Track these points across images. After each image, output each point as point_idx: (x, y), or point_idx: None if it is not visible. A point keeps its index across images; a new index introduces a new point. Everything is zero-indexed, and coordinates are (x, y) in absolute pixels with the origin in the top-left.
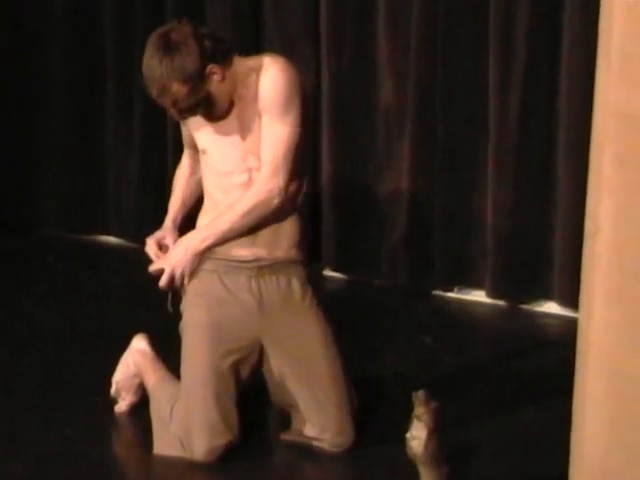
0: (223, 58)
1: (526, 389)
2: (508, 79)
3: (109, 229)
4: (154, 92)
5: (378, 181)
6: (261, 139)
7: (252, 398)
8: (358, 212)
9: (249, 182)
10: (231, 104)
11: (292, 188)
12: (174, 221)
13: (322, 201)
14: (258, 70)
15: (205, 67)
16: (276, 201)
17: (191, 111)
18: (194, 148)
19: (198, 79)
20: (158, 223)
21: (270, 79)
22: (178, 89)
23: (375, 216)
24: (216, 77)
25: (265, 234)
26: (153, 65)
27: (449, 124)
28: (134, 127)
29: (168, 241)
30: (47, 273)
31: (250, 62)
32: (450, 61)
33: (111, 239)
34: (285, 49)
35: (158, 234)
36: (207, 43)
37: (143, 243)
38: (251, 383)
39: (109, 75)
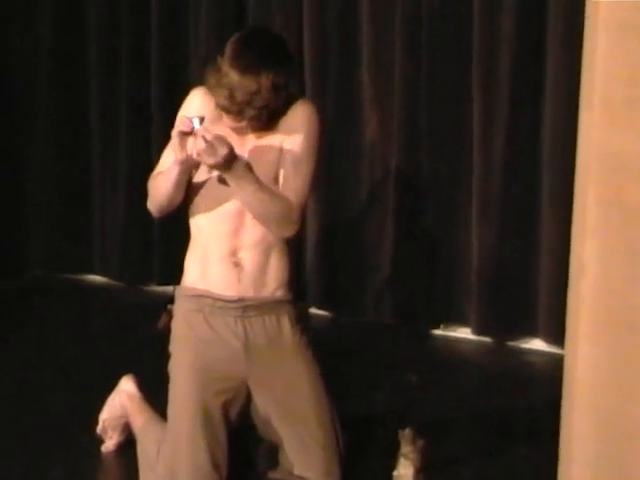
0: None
1: (512, 427)
2: (492, 119)
3: (95, 268)
4: (246, 73)
5: (363, 218)
6: (284, 173)
7: (241, 434)
8: (343, 250)
9: (242, 212)
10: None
11: None
12: None
13: (307, 238)
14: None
15: (286, 88)
16: (290, 233)
17: (252, 111)
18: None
19: (280, 93)
20: (143, 263)
21: (306, 117)
22: (266, 88)
23: (361, 253)
24: (280, 101)
25: (251, 274)
26: (265, 56)
27: (433, 164)
28: (119, 168)
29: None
30: (34, 313)
31: None
32: (434, 101)
33: (97, 278)
34: None
35: None
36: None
37: (128, 282)
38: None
39: (93, 116)
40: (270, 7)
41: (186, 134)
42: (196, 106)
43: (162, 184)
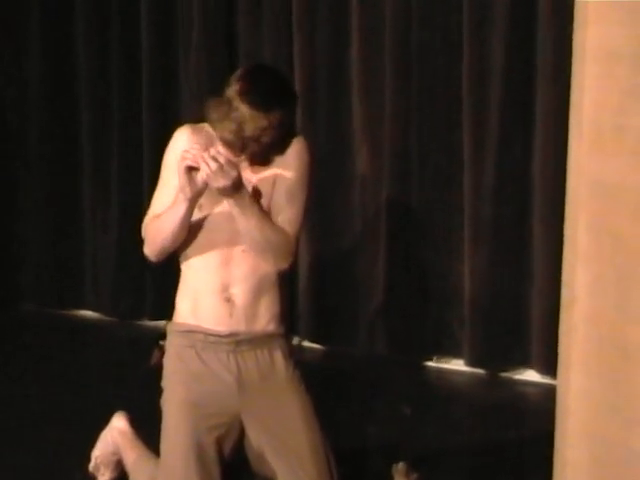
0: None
1: (507, 458)
2: (482, 147)
3: (87, 303)
4: (259, 109)
5: (355, 249)
6: (278, 205)
7: (235, 469)
8: (335, 282)
9: (231, 243)
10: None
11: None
12: None
13: (299, 271)
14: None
15: (289, 125)
16: (286, 265)
17: (257, 147)
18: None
19: (282, 131)
20: (135, 298)
21: (298, 150)
22: (273, 125)
23: (352, 286)
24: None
25: (242, 308)
26: (277, 94)
27: (424, 193)
28: (111, 203)
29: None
30: (24, 348)
31: None
32: (424, 130)
33: (89, 313)
34: None
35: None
36: None
37: (120, 317)
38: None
39: (85, 153)
40: (260, 36)
41: (193, 169)
42: (183, 145)
43: (166, 225)
